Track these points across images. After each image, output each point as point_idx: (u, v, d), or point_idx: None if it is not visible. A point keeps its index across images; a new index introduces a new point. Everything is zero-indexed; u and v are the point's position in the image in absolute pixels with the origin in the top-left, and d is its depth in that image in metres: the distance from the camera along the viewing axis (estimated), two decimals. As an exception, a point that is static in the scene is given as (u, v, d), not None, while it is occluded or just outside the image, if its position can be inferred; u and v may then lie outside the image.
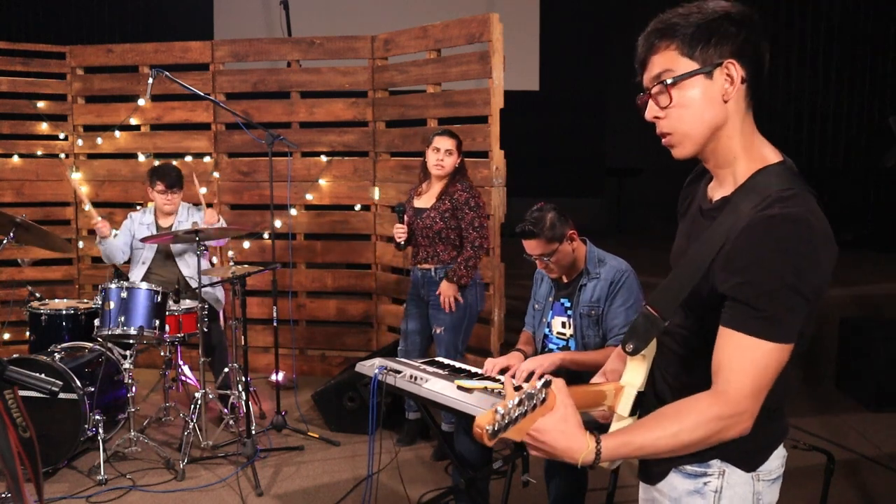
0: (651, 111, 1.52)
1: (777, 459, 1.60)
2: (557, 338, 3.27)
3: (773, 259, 1.38)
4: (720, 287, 1.45)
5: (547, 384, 1.44)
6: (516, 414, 1.39)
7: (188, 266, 4.82)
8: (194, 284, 4.55)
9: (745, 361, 1.41)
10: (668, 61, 1.48)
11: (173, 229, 4.81)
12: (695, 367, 1.55)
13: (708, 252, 1.48)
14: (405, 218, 4.24)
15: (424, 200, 4.25)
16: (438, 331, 4.16)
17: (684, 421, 1.45)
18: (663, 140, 1.54)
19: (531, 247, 3.12)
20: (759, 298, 1.39)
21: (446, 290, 4.09)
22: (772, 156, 1.53)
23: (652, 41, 1.50)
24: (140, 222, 4.93)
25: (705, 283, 1.49)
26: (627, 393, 1.68)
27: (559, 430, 1.44)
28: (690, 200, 1.72)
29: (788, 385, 1.56)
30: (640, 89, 1.57)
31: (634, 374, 1.70)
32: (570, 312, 3.20)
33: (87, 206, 4.92)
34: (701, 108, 1.47)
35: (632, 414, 1.67)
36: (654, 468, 1.63)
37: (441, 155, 4.14)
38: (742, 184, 1.50)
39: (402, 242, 4.24)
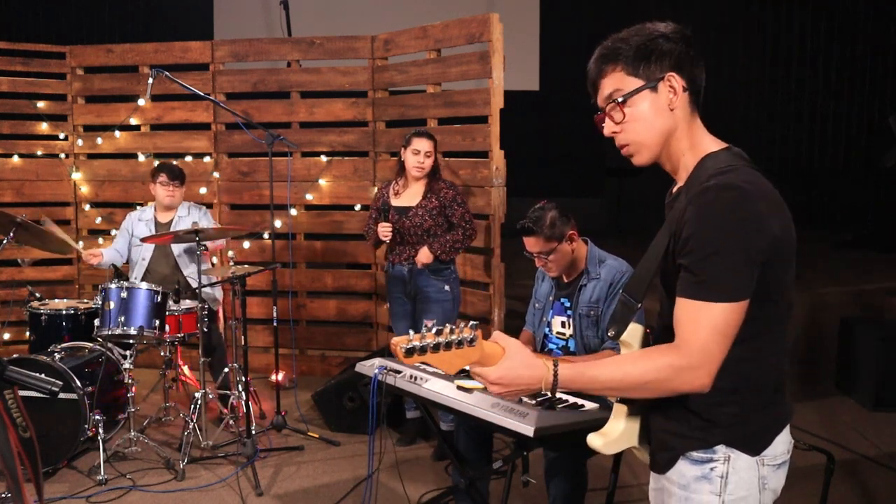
0: (608, 127, 1.69)
1: (782, 445, 1.66)
2: (557, 337, 3.27)
3: (706, 225, 1.51)
4: (678, 261, 1.58)
5: (475, 327, 1.58)
6: (433, 342, 1.55)
7: (187, 266, 4.83)
8: (194, 284, 4.55)
9: (696, 323, 1.52)
10: (616, 82, 1.66)
11: (173, 226, 4.83)
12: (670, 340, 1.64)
13: (664, 235, 1.63)
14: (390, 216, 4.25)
15: (406, 199, 4.28)
16: (430, 323, 4.16)
17: (637, 363, 1.57)
18: (622, 151, 1.71)
19: (530, 244, 3.14)
20: (698, 264, 1.52)
21: (423, 257, 4.16)
22: (716, 146, 1.67)
23: (600, 66, 1.68)
24: (139, 219, 4.94)
25: (669, 261, 1.61)
26: None
27: (520, 367, 1.58)
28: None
29: (780, 364, 1.65)
30: None
31: None
32: (569, 312, 3.20)
33: (80, 245, 5.06)
34: (651, 118, 1.65)
35: (627, 403, 1.74)
36: (661, 456, 1.69)
37: (421, 157, 4.20)
38: (691, 172, 1.66)
39: (387, 240, 4.26)
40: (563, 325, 3.24)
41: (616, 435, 1.74)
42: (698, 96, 1.67)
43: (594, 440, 1.73)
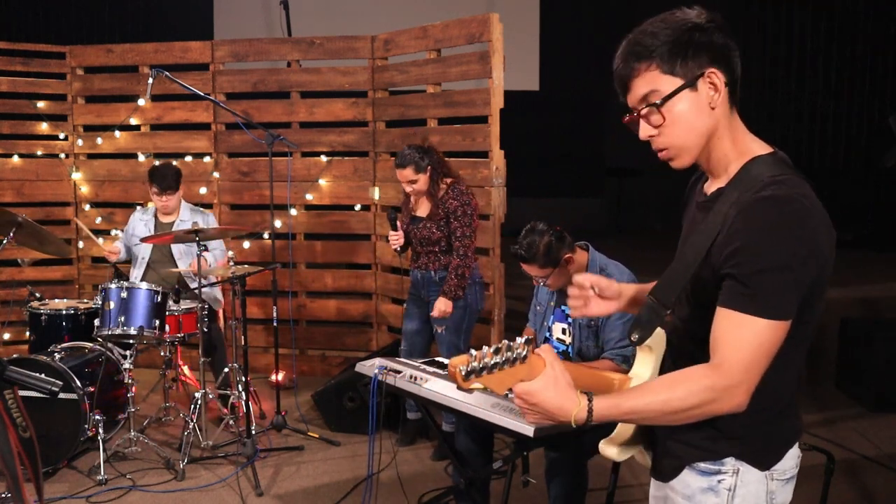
0: (645, 131, 1.57)
1: (791, 459, 1.61)
2: (557, 342, 3.27)
3: (764, 238, 1.42)
4: (721, 270, 1.48)
5: (528, 341, 1.46)
6: (492, 362, 1.41)
7: (186, 266, 4.82)
8: (193, 284, 4.55)
9: (739, 337, 1.44)
10: (651, 82, 1.52)
11: (174, 228, 4.82)
12: (702, 360, 1.56)
13: (705, 240, 1.52)
14: (398, 224, 4.23)
15: (419, 208, 4.26)
16: (440, 330, 4.16)
17: (676, 389, 1.47)
18: (660, 154, 1.59)
19: (526, 268, 3.12)
20: (750, 277, 1.43)
21: (441, 305, 4.07)
22: (761, 149, 1.57)
23: (631, 64, 1.54)
24: (139, 219, 4.95)
25: (706, 269, 1.52)
26: (634, 384, 1.68)
27: (550, 390, 1.47)
28: (688, 199, 1.76)
29: (796, 380, 1.59)
30: None
31: (642, 366, 1.71)
32: (570, 320, 3.20)
33: (101, 240, 5.07)
34: (692, 120, 1.53)
35: None
36: (666, 464, 1.64)
37: (408, 186, 4.13)
38: (735, 175, 1.54)
39: (400, 248, 4.25)
40: (563, 331, 3.24)
41: (627, 437, 1.68)
42: (737, 89, 1.56)
43: (608, 450, 1.67)
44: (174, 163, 5.19)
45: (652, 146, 1.58)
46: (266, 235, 5.64)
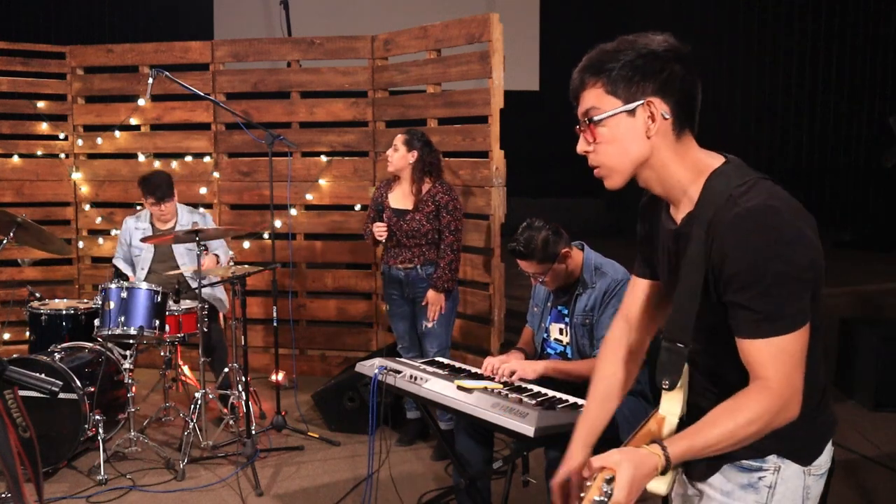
0: (581, 145, 1.60)
1: (828, 454, 1.65)
2: (555, 342, 3.27)
3: (756, 258, 1.43)
4: (724, 298, 1.50)
5: (610, 480, 1.44)
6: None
7: (190, 265, 4.82)
8: (193, 284, 4.55)
9: (772, 359, 1.47)
10: (594, 99, 1.55)
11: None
12: (720, 377, 1.61)
13: (696, 272, 1.53)
14: (384, 217, 4.24)
15: (401, 201, 4.25)
16: (429, 325, 4.18)
17: (738, 418, 1.48)
18: (595, 172, 1.61)
19: (524, 265, 3.13)
20: (755, 301, 1.45)
21: (435, 300, 4.12)
22: (716, 162, 1.57)
23: (583, 77, 1.57)
24: (135, 227, 4.92)
25: (706, 300, 1.53)
26: (669, 422, 1.68)
27: (630, 469, 1.45)
28: (652, 220, 1.74)
29: (823, 368, 1.62)
30: None
31: (672, 403, 1.69)
32: (566, 320, 3.20)
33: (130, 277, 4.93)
34: (624, 144, 1.54)
35: (680, 423, 1.67)
36: (703, 464, 1.63)
37: (389, 151, 4.21)
38: (700, 196, 1.54)
39: (382, 239, 4.25)
40: (560, 332, 3.25)
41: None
42: (691, 118, 1.55)
43: (658, 487, 1.56)
44: (174, 164, 5.19)
45: (588, 162, 1.61)
46: (266, 235, 5.64)
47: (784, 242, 1.43)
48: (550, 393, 2.81)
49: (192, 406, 4.27)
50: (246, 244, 5.76)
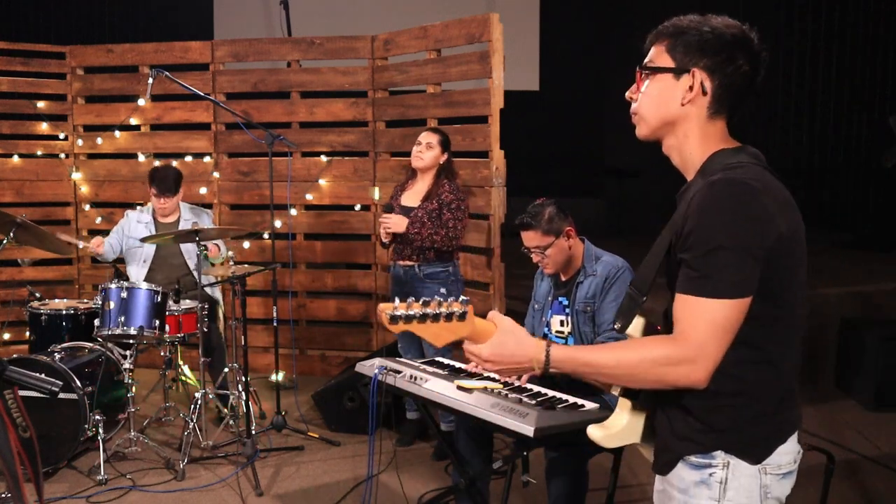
0: (630, 90, 1.71)
1: (787, 455, 1.62)
2: (557, 335, 3.28)
3: (709, 220, 1.49)
4: (678, 255, 1.56)
5: (467, 302, 1.59)
6: (421, 312, 1.55)
7: (194, 262, 4.82)
8: (204, 280, 4.53)
9: (695, 317, 1.51)
10: (656, 54, 1.67)
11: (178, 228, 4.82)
12: None
13: (668, 231, 1.62)
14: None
15: (411, 198, 4.25)
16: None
17: (633, 351, 1.57)
18: (633, 118, 1.72)
19: (528, 238, 3.17)
20: (698, 260, 1.50)
21: (397, 221, 4.10)
22: (727, 145, 1.65)
23: (655, 35, 1.69)
24: (137, 221, 4.93)
25: (672, 258, 1.60)
26: None
27: (512, 342, 1.62)
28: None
29: (788, 375, 1.61)
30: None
31: None
32: (567, 310, 3.22)
33: (81, 244, 5.06)
34: (660, 101, 1.65)
35: (631, 398, 1.72)
36: (663, 458, 1.67)
37: (422, 147, 4.19)
38: (700, 168, 1.64)
39: (388, 241, 4.24)
40: (561, 323, 3.26)
41: (617, 429, 1.72)
42: (730, 107, 1.62)
43: (594, 432, 1.72)
44: (174, 163, 5.19)
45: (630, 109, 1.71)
46: (266, 235, 5.64)
47: (742, 215, 1.47)
48: (550, 393, 2.81)
49: (192, 406, 4.27)
50: (246, 244, 5.76)
